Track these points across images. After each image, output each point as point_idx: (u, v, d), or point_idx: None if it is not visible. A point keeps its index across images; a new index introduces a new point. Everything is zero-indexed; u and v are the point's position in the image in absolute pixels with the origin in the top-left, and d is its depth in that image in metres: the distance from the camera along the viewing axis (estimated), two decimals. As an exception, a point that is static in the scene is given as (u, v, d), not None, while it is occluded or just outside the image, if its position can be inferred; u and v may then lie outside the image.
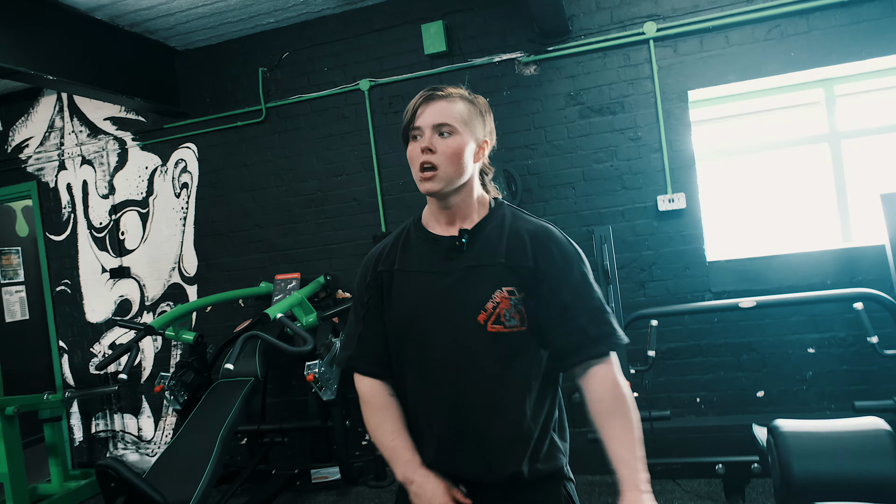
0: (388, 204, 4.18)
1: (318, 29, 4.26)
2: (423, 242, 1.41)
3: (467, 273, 1.34)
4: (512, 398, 1.32)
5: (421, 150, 1.33)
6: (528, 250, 1.34)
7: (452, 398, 1.33)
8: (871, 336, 2.89)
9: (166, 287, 4.66)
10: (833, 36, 3.45)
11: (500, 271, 1.33)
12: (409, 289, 1.38)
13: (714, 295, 3.66)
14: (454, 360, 1.33)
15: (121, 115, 4.71)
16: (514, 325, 1.31)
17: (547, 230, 1.39)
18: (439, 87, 1.38)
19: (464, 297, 1.33)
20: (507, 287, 1.32)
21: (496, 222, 1.40)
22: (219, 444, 3.02)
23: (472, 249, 1.37)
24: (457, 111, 1.34)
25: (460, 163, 1.33)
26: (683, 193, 3.65)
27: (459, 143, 1.33)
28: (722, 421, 3.53)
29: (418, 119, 1.34)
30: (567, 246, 1.38)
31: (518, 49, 3.90)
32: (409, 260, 1.41)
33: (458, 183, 1.35)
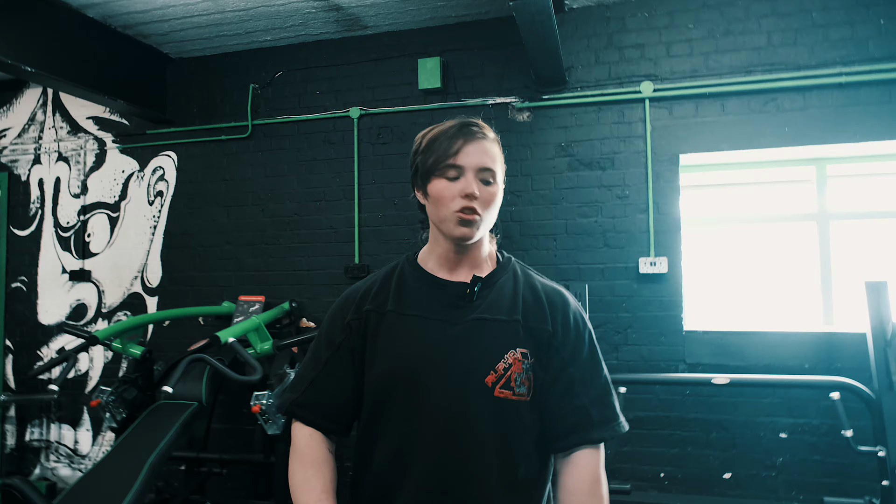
0: (364, 235, 4.05)
1: (313, 52, 4.20)
2: (424, 286, 1.26)
3: (477, 326, 1.20)
4: (509, 476, 1.18)
5: (464, 196, 1.18)
6: (547, 313, 1.23)
7: (440, 467, 1.16)
8: (846, 429, 2.74)
9: (126, 296, 4.47)
10: (828, 115, 3.42)
11: (515, 330, 1.20)
12: (403, 334, 1.23)
13: (688, 366, 3.52)
14: (449, 424, 1.17)
15: (104, 115, 4.60)
16: (522, 393, 1.18)
17: (563, 294, 1.29)
18: (477, 124, 1.25)
19: (472, 352, 1.18)
20: (522, 349, 1.19)
21: (508, 276, 1.28)
22: (146, 469, 2.80)
23: (483, 301, 1.23)
24: (496, 155, 1.25)
25: (495, 213, 1.24)
26: (666, 258, 3.55)
27: (497, 193, 1.24)
28: (685, 501, 3.34)
29: (461, 157, 1.19)
30: (581, 313, 1.28)
31: (513, 94, 3.85)
32: (405, 302, 1.25)
33: (486, 233, 1.26)
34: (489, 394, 1.16)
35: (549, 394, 1.21)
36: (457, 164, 1.20)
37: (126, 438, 3.06)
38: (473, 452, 1.17)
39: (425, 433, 1.18)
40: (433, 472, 1.17)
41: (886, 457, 2.65)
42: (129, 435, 3.08)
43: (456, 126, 1.24)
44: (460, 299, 1.23)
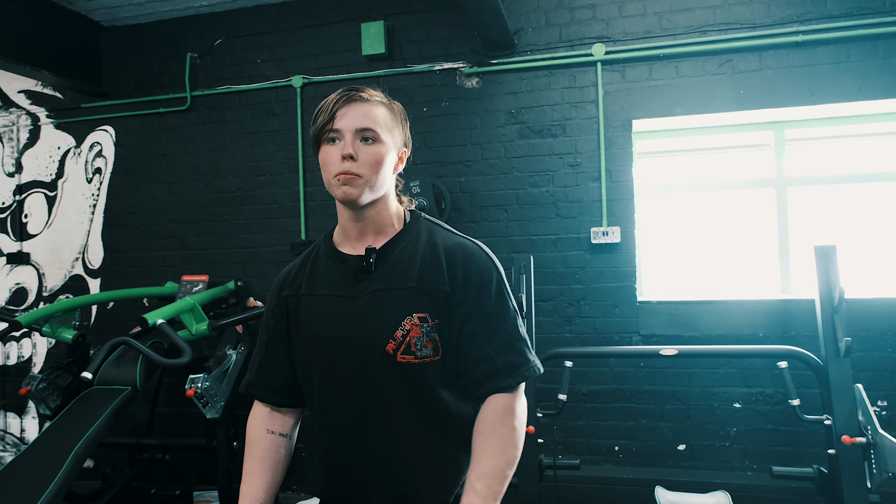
0: (310, 210, 3.89)
1: (253, 17, 3.98)
2: (332, 262, 1.31)
3: (375, 297, 1.23)
4: (426, 435, 1.23)
5: (342, 157, 1.20)
6: (444, 272, 1.24)
7: (359, 435, 1.23)
8: (792, 398, 2.68)
9: (67, 278, 4.29)
10: (785, 76, 3.29)
11: (410, 295, 1.22)
12: (315, 314, 1.28)
13: (642, 338, 3.44)
14: (361, 394, 1.23)
15: (36, 89, 4.36)
16: (427, 354, 1.21)
17: (465, 247, 1.28)
18: (359, 88, 1.25)
19: (371, 323, 1.22)
20: (419, 313, 1.21)
21: (410, 239, 1.29)
22: (71, 458, 2.67)
23: (382, 270, 1.25)
24: (380, 116, 1.24)
25: (381, 172, 1.23)
26: (619, 227, 3.44)
27: (382, 152, 1.23)
28: (636, 473, 3.28)
29: (338, 121, 1.21)
30: (486, 264, 1.27)
31: (461, 59, 3.67)
32: (316, 283, 1.31)
33: (378, 194, 1.25)
34: (392, 360, 1.20)
35: (456, 348, 1.23)
36: (334, 127, 1.21)
37: (53, 426, 2.93)
38: (388, 415, 1.22)
39: (340, 406, 1.25)
40: (352, 435, 1.24)
41: (832, 425, 2.59)
42: (57, 422, 2.94)
43: (338, 92, 1.25)
44: (361, 272, 1.26)
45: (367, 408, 1.23)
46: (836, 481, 2.59)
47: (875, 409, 3.14)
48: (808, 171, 3.54)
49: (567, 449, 3.51)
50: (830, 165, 3.53)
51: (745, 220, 3.64)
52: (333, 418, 1.26)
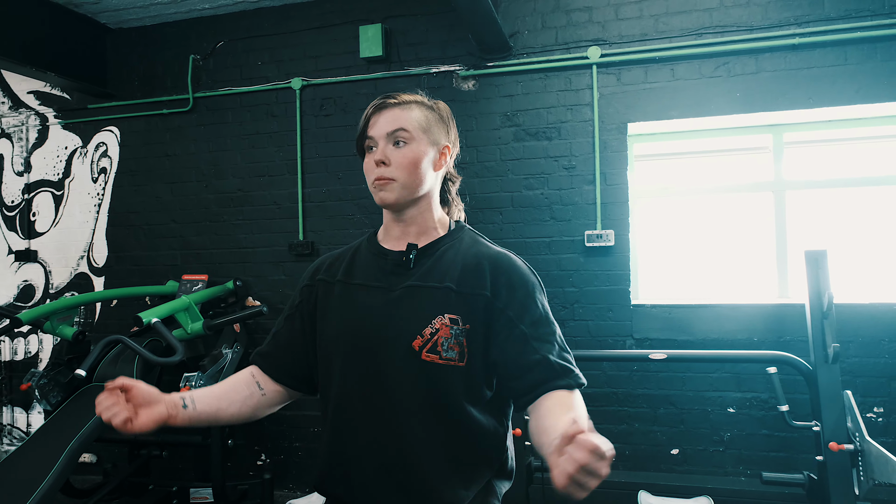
0: (308, 211, 3.93)
1: (255, 20, 4.03)
2: (372, 256, 1.33)
3: (410, 292, 1.24)
4: (441, 439, 1.20)
5: (375, 164, 1.25)
6: (487, 278, 1.23)
7: (373, 430, 1.21)
8: (781, 404, 2.66)
9: (73, 276, 4.38)
10: (782, 79, 3.27)
11: (445, 295, 1.22)
12: (346, 302, 1.29)
13: (636, 341, 3.43)
14: (380, 387, 1.21)
15: (45, 89, 4.45)
16: (451, 357, 1.19)
17: (509, 258, 1.28)
18: (392, 95, 1.29)
19: (401, 318, 1.22)
20: (451, 314, 1.21)
21: (452, 244, 1.30)
22: (66, 454, 2.73)
23: (420, 268, 1.26)
24: (412, 118, 1.26)
25: (418, 172, 1.25)
26: (613, 231, 3.43)
27: (416, 152, 1.25)
28: (626, 477, 3.27)
29: (371, 129, 1.26)
30: (529, 276, 1.27)
31: (458, 62, 3.69)
32: (353, 272, 1.32)
33: (417, 194, 1.27)
34: (416, 357, 1.19)
35: (503, 354, 1.21)
36: (369, 135, 1.27)
37: (50, 422, 2.99)
38: (398, 412, 1.20)
39: (358, 394, 1.23)
40: (367, 430, 1.22)
41: (821, 431, 2.57)
42: (54, 419, 3.01)
43: (373, 102, 1.29)
44: (399, 267, 1.27)
45: (384, 402, 1.21)
46: (824, 488, 2.57)
47: (871, 416, 3.12)
48: (806, 174, 3.51)
49: (560, 451, 3.51)
50: (829, 169, 3.50)
51: (742, 223, 3.61)
52: (350, 408, 1.25)
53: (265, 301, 3.91)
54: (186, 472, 4.01)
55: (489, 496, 1.26)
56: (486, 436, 1.24)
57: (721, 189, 3.62)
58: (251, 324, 3.93)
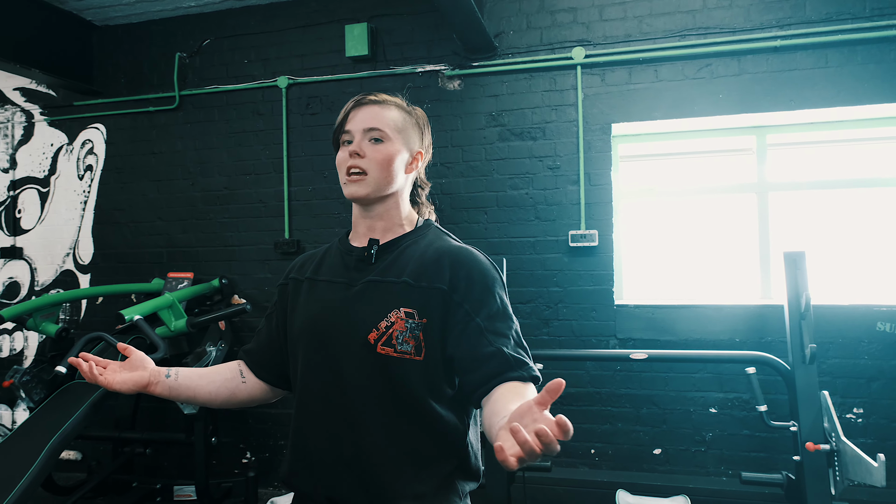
0: (294, 209, 3.93)
1: (241, 19, 4.03)
2: (339, 253, 1.36)
3: (369, 287, 1.26)
4: (399, 432, 1.20)
5: (349, 155, 1.27)
6: (445, 272, 1.23)
7: (332, 423, 1.23)
8: (760, 404, 2.68)
9: (58, 273, 4.37)
10: (764, 81, 3.29)
11: (402, 290, 1.23)
12: (312, 298, 1.32)
13: (620, 341, 3.45)
14: (338, 380, 1.23)
15: (31, 86, 4.44)
16: (407, 350, 1.20)
17: (469, 252, 1.28)
18: (373, 93, 1.33)
19: (359, 311, 1.24)
20: (406, 308, 1.21)
21: (415, 240, 1.32)
22: (46, 451, 2.72)
23: (381, 263, 1.28)
24: (390, 118, 1.29)
25: (390, 170, 1.28)
26: (597, 231, 3.45)
27: (390, 151, 1.28)
28: (608, 476, 3.29)
29: (349, 123, 1.29)
30: (489, 271, 1.27)
31: (443, 61, 3.70)
32: (321, 269, 1.36)
33: (386, 191, 1.30)
34: (372, 350, 1.20)
35: (458, 347, 1.20)
36: (346, 129, 1.30)
37: (32, 418, 2.98)
38: (354, 404, 1.21)
39: (318, 388, 1.25)
40: (327, 423, 1.23)
41: (798, 431, 2.59)
42: (36, 415, 2.99)
43: (353, 98, 1.32)
44: (361, 262, 1.30)
45: (341, 395, 1.22)
46: (801, 488, 2.59)
47: (851, 417, 3.15)
48: (789, 176, 3.53)
49: (543, 450, 3.52)
50: (812, 171, 3.52)
51: (725, 225, 3.63)
52: (310, 402, 1.27)
53: (251, 299, 3.91)
54: (170, 470, 4.00)
55: (451, 494, 1.25)
56: (446, 432, 1.24)
57: (705, 190, 3.64)
58: (236, 322, 3.93)
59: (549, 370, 3.28)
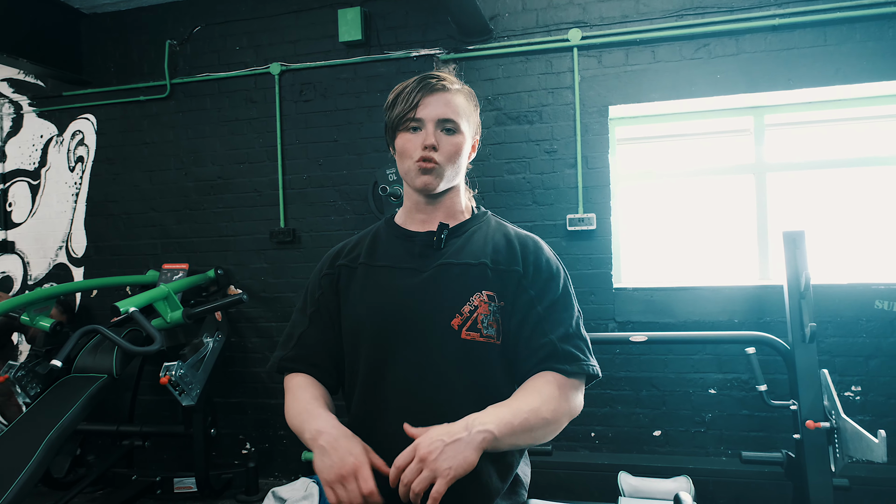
0: (289, 198, 3.89)
1: (232, 5, 3.97)
2: (396, 239, 1.30)
3: (443, 270, 1.21)
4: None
5: (423, 146, 1.21)
6: (518, 255, 1.23)
7: (410, 411, 1.15)
8: (759, 384, 2.68)
9: (51, 267, 4.32)
10: (762, 61, 3.26)
11: (482, 272, 1.20)
12: (373, 284, 1.25)
13: (618, 324, 3.45)
14: (418, 369, 1.17)
15: (18, 77, 4.37)
16: (491, 335, 1.17)
17: (536, 240, 1.30)
18: (438, 76, 1.26)
19: (437, 296, 1.19)
20: (489, 291, 1.19)
21: (479, 226, 1.30)
22: (44, 445, 2.70)
23: (452, 247, 1.24)
24: (459, 106, 1.25)
25: (459, 161, 1.25)
26: (594, 214, 3.43)
27: (461, 142, 1.25)
28: (608, 459, 3.30)
29: (420, 110, 1.22)
30: (554, 259, 1.28)
31: (438, 45, 3.65)
32: (377, 254, 1.29)
33: (454, 182, 1.28)
34: (456, 336, 1.15)
35: (518, 332, 1.19)
36: (416, 116, 1.22)
37: (28, 413, 2.95)
38: (442, 395, 1.15)
39: (393, 378, 1.18)
40: (404, 416, 1.13)
41: (798, 410, 2.59)
42: (33, 409, 2.97)
43: (416, 79, 1.26)
44: (428, 248, 1.25)
45: (421, 383, 1.16)
46: (801, 466, 2.60)
47: (849, 395, 3.16)
48: (787, 156, 3.52)
49: (544, 435, 3.52)
50: (810, 151, 3.51)
51: (723, 206, 3.62)
52: (381, 391, 1.19)
53: (247, 289, 3.88)
54: (170, 462, 3.99)
55: (518, 486, 1.25)
56: None
57: (703, 172, 3.63)
58: (233, 312, 3.91)
59: (549, 354, 3.29)
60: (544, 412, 1.10)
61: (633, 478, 2.82)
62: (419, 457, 0.98)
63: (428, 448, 0.99)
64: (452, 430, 1.01)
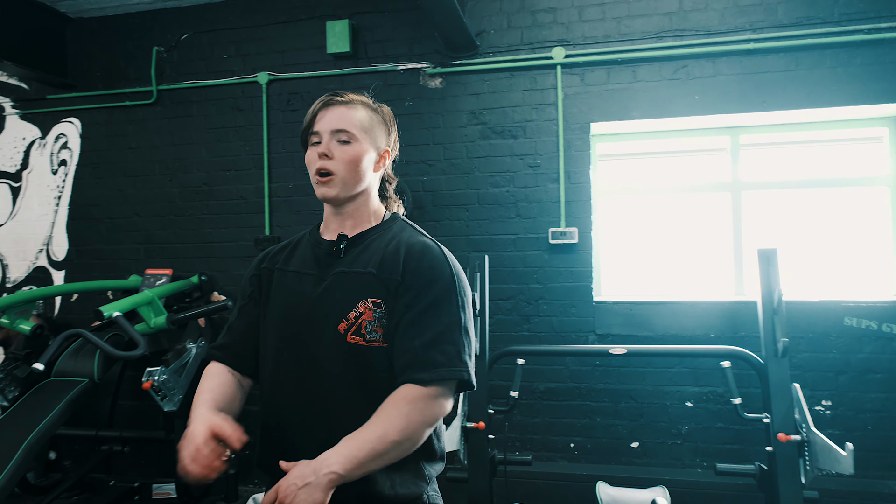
0: (275, 206, 3.91)
1: (220, 13, 4.00)
2: (310, 245, 1.39)
3: (337, 279, 1.30)
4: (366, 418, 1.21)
5: (318, 156, 1.30)
6: (400, 262, 1.28)
7: (301, 407, 1.27)
8: (734, 397, 2.76)
9: (31, 270, 4.28)
10: (737, 83, 3.37)
11: (368, 280, 1.27)
12: (283, 289, 1.35)
13: (598, 337, 3.51)
14: (310, 370, 1.27)
15: (2, 78, 4.34)
16: (375, 339, 1.25)
17: (426, 245, 1.31)
18: (340, 93, 1.35)
19: (330, 303, 1.28)
20: (374, 298, 1.26)
21: (381, 233, 1.36)
22: (22, 451, 2.69)
23: (349, 256, 1.32)
24: (356, 118, 1.32)
25: (358, 170, 1.31)
26: (576, 228, 3.50)
27: (358, 151, 1.31)
28: (587, 470, 3.35)
29: (317, 124, 1.32)
30: (441, 265, 1.29)
31: (425, 59, 3.72)
32: (291, 261, 1.38)
33: (355, 191, 1.33)
34: (342, 340, 1.24)
35: (393, 338, 1.26)
36: (314, 130, 1.32)
37: (6, 417, 2.94)
38: (327, 392, 1.25)
39: (289, 381, 1.29)
40: (295, 411, 1.28)
41: (771, 423, 2.67)
42: (11, 413, 2.95)
43: (321, 98, 1.35)
44: (330, 256, 1.33)
45: (314, 385, 1.26)
46: (773, 478, 2.67)
47: (819, 409, 3.25)
48: (762, 175, 3.63)
49: (524, 445, 3.57)
50: (784, 170, 3.62)
51: (701, 222, 3.71)
52: (281, 392, 1.30)
53: (230, 296, 3.88)
54: (149, 468, 3.96)
55: (418, 479, 1.28)
56: None
57: (681, 189, 3.72)
58: (216, 318, 3.90)
59: (530, 365, 3.35)
60: (392, 435, 1.17)
61: (611, 488, 2.88)
62: (279, 500, 1.11)
63: (285, 492, 1.11)
64: (305, 473, 1.12)
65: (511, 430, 3.53)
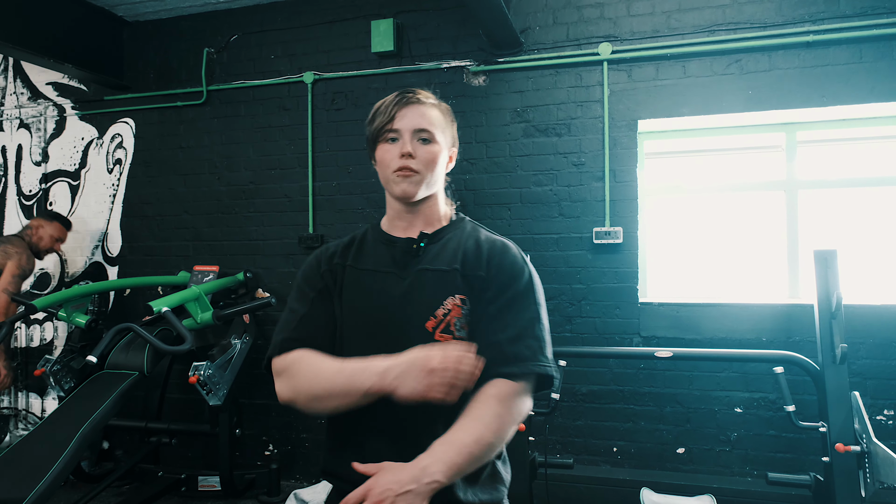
0: (318, 205, 3.96)
1: (268, 14, 4.07)
2: (380, 244, 1.37)
3: (420, 276, 1.28)
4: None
5: (401, 155, 1.28)
6: (483, 259, 1.29)
7: (386, 412, 1.20)
8: (788, 405, 2.64)
9: (87, 265, 4.45)
10: (795, 77, 3.24)
11: (454, 277, 1.27)
12: (358, 288, 1.32)
13: (643, 339, 3.42)
14: None
15: (63, 81, 4.52)
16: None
17: (505, 244, 1.34)
18: (414, 91, 1.34)
19: (414, 301, 1.26)
20: (461, 295, 1.26)
21: (456, 232, 1.36)
22: (76, 439, 2.78)
23: (429, 253, 1.32)
24: (435, 118, 1.32)
25: (436, 170, 1.31)
26: (621, 228, 3.42)
27: (437, 151, 1.31)
28: (630, 475, 3.26)
29: (397, 121, 1.30)
30: (519, 262, 1.31)
31: (468, 57, 3.69)
32: (362, 259, 1.36)
33: (432, 190, 1.34)
34: (430, 338, 1.22)
35: (474, 334, 1.25)
36: (394, 128, 1.29)
37: (62, 407, 3.05)
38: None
39: None
40: (382, 414, 1.21)
41: (827, 432, 2.55)
42: (66, 404, 3.07)
43: (395, 94, 1.33)
44: (408, 254, 1.32)
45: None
46: (830, 490, 2.55)
47: (881, 419, 3.09)
48: (819, 174, 3.47)
49: (565, 448, 3.52)
50: (843, 168, 3.45)
51: (753, 222, 3.58)
52: None
53: (274, 293, 3.95)
54: (195, 461, 4.06)
55: (496, 482, 1.27)
56: None
57: (732, 187, 3.59)
58: (260, 315, 3.97)
59: (572, 367, 3.28)
60: (488, 437, 1.15)
61: (655, 495, 2.80)
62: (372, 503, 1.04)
63: (380, 496, 1.04)
64: (402, 480, 1.06)
65: (552, 432, 3.48)
